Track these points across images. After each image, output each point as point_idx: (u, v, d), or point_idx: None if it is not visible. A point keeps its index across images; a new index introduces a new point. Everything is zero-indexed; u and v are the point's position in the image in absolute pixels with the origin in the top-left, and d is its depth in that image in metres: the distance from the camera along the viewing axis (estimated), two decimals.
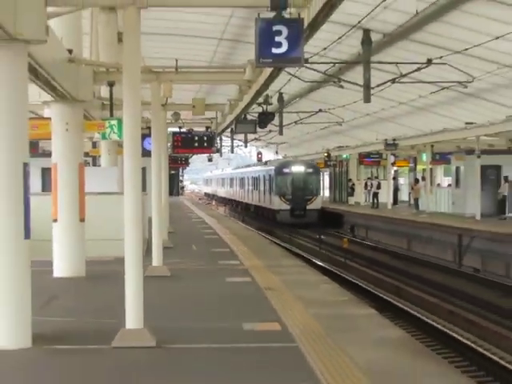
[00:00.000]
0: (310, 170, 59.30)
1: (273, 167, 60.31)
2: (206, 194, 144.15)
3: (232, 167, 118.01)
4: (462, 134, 44.72)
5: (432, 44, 31.10)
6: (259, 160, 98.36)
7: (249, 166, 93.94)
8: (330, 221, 62.00)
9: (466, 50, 30.32)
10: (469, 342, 20.26)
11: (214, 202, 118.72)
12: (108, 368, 11.07)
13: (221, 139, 54.38)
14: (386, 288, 31.31)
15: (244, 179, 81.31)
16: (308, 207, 57.73)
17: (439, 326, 22.50)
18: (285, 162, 64.21)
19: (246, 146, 68.57)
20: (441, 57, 30.44)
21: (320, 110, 49.83)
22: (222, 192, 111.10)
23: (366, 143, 63.52)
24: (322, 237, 49.22)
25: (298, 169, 58.90)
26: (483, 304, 26.59)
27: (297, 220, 56.40)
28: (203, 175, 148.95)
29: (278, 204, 57.62)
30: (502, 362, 18.03)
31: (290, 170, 58.48)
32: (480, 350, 19.41)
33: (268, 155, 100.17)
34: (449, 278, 33.92)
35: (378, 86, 29.36)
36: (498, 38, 28.06)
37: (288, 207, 57.59)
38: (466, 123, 43.55)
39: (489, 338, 21.83)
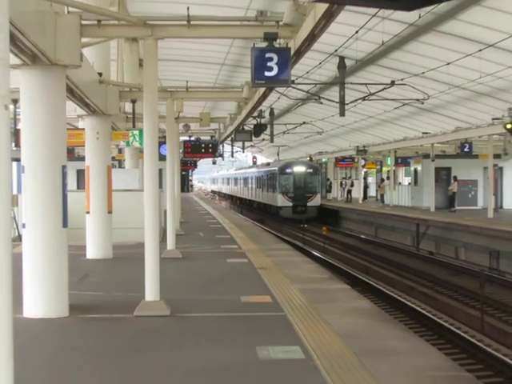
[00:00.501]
0: (311, 170, 55.94)
1: (276, 168, 57.20)
2: (212, 191, 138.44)
3: (234, 168, 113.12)
4: (419, 142, 44.74)
5: (395, 68, 31.10)
6: (254, 163, 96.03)
7: (252, 167, 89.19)
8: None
9: (423, 73, 30.34)
10: (424, 312, 20.29)
11: (217, 198, 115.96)
12: (130, 333, 11.25)
13: (223, 146, 54.00)
14: (357, 267, 31.33)
15: (248, 178, 77.30)
16: (309, 204, 54.69)
17: (400, 299, 22.52)
18: (287, 163, 59.95)
19: (243, 152, 67.97)
20: (402, 79, 30.44)
21: (304, 122, 49.74)
22: (228, 190, 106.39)
23: (341, 149, 63.53)
24: (305, 225, 48.67)
25: (300, 169, 55.83)
26: (436, 280, 26.57)
27: (298, 215, 52.86)
28: (210, 175, 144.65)
29: (281, 201, 54.69)
30: (452, 328, 18.07)
31: (292, 170, 55.35)
32: (434, 318, 19.43)
33: (261, 159, 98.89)
34: (408, 259, 33.95)
35: (351, 102, 29.29)
36: (448, 63, 28.08)
37: (290, 204, 54.53)
38: (423, 133, 43.61)
39: (441, 308, 21.87)
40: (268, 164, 69.35)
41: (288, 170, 55.16)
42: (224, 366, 9.07)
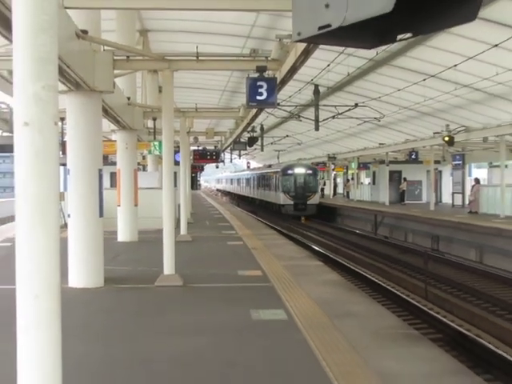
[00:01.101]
0: (310, 172, 50.93)
1: (279, 169, 52.15)
2: (217, 189, 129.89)
3: (236, 170, 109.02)
4: (376, 151, 44.86)
5: (358, 94, 31.07)
6: (248, 167, 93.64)
7: (254, 169, 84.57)
8: None
9: (379, 97, 30.31)
10: (381, 283, 20.34)
11: (219, 194, 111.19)
12: (152, 299, 11.30)
13: (224, 154, 53.68)
14: (328, 248, 31.30)
15: (252, 179, 71.14)
16: (308, 202, 49.28)
17: (362, 272, 22.55)
18: (289, 165, 54.24)
19: (239, 158, 67.66)
20: (363, 102, 30.44)
21: (287, 136, 49.73)
22: (232, 189, 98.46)
23: (316, 156, 63.69)
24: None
25: (300, 170, 50.69)
26: (390, 258, 26.64)
27: (299, 212, 48.91)
28: (214, 176, 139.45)
29: (283, 199, 49.39)
30: (403, 296, 18.11)
31: (293, 171, 50.34)
32: (389, 287, 19.49)
33: (253, 164, 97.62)
34: (369, 242, 33.98)
35: (323, 120, 29.28)
36: (399, 90, 28.10)
37: (292, 202, 49.01)
38: (379, 144, 43.72)
39: (392, 279, 21.95)
40: (270, 166, 65.56)
41: (290, 172, 50.53)
42: (225, 324, 9.15)
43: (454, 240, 29.33)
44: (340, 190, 71.13)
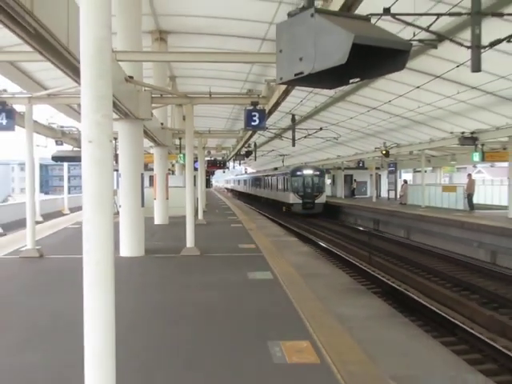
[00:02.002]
0: (317, 173, 41.54)
1: (289, 171, 42.87)
2: (226, 188, 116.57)
3: (236, 174, 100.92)
4: (335, 161, 44.55)
5: (322, 120, 31.00)
6: (245, 172, 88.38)
7: (260, 171, 71.28)
8: None
9: (337, 123, 30.34)
10: (340, 254, 20.33)
11: (226, 191, 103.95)
12: (178, 264, 11.20)
13: (228, 162, 53.44)
14: (303, 229, 31.28)
15: (260, 180, 60.11)
16: (316, 201, 40.45)
17: (326, 247, 22.54)
18: (297, 167, 44.60)
19: (239, 165, 67.33)
20: (326, 126, 30.50)
21: (273, 150, 49.70)
22: (239, 188, 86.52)
23: (294, 164, 63.36)
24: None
25: (308, 172, 41.52)
26: (344, 236, 26.64)
27: (308, 211, 40.07)
28: (224, 178, 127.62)
29: (292, 199, 40.64)
30: (353, 261, 18.12)
31: (302, 172, 41.34)
32: (343, 256, 19.51)
33: (249, 169, 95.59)
34: (329, 224, 33.92)
35: (298, 139, 29.29)
36: (351, 118, 28.09)
37: (300, 201, 40.47)
38: (337, 155, 43.66)
39: (346, 250, 21.93)
40: (276, 169, 54.39)
41: (298, 173, 41.30)
42: (229, 282, 9.16)
43: (389, 223, 29.37)
44: None
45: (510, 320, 10.83)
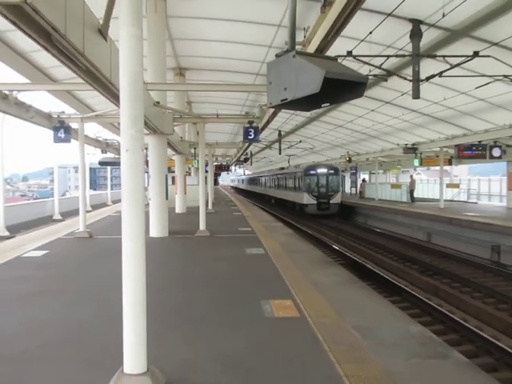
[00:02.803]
0: (332, 171, 30.01)
1: (302, 170, 31.07)
2: (231, 187, 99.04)
3: (239, 174, 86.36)
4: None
5: (301, 135, 30.86)
6: (243, 173, 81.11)
7: (267, 171, 53.97)
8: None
9: (312, 137, 30.23)
10: (314, 235, 20.26)
11: (230, 188, 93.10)
12: (194, 242, 11.08)
13: (231, 166, 53.18)
14: (288, 217, 31.19)
15: (268, 179, 46.41)
16: (331, 201, 29.21)
17: (305, 230, 22.49)
18: (311, 165, 31.91)
19: (240, 168, 66.95)
20: (304, 139, 30.44)
21: (264, 157, 49.59)
22: (243, 186, 73.43)
23: (280, 168, 63.29)
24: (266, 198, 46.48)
25: (322, 170, 29.88)
26: (319, 222, 26.55)
27: (323, 212, 29.08)
28: (229, 177, 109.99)
29: (306, 199, 29.54)
30: (325, 240, 18.07)
31: (316, 171, 29.86)
32: (317, 236, 19.47)
33: (247, 172, 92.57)
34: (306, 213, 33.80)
35: (283, 149, 29.31)
36: (323, 133, 28.04)
37: (315, 202, 29.23)
38: (312, 161, 43.37)
39: (320, 232, 21.86)
40: (282, 168, 42.62)
41: (312, 172, 29.91)
42: (232, 255, 9.09)
43: (351, 211, 29.32)
44: None
45: (441, 283, 10.87)
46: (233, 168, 66.46)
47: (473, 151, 19.39)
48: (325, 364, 3.96)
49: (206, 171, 21.72)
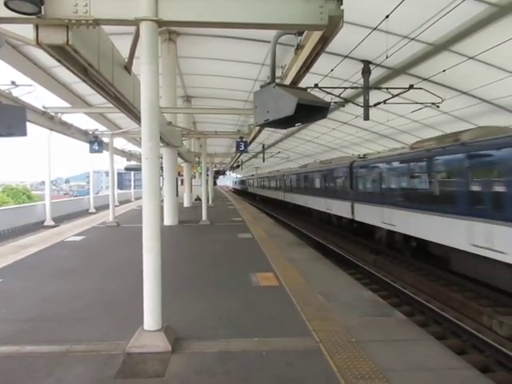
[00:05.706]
0: None
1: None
2: (234, 188, 75.62)
3: (240, 176, 72.13)
4: (290, 171, 44.05)
5: (280, 148, 30.81)
6: (236, 177, 73.98)
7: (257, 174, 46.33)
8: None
9: (289, 149, 30.23)
10: (290, 224, 20.12)
11: (226, 188, 79.01)
12: (197, 229, 10.93)
13: (226, 171, 52.68)
14: (268, 209, 30.92)
15: (269, 180, 34.52)
16: None
17: (286, 221, 22.30)
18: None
19: (233, 172, 66.33)
20: (283, 151, 30.39)
21: (251, 164, 49.39)
22: (242, 187, 60.62)
23: (266, 172, 62.36)
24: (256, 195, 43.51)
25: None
26: (292, 212, 26.30)
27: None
28: (228, 179, 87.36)
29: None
30: (297, 228, 17.97)
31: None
32: (289, 223, 19.38)
33: (238, 176, 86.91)
34: (281, 206, 33.41)
35: (266, 158, 29.30)
36: (296, 146, 28.03)
37: None
38: (288, 168, 43.19)
39: (292, 221, 21.71)
40: (278, 171, 33.16)
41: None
42: (227, 239, 8.99)
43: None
44: None
45: (382, 259, 11.00)
46: (228, 172, 66.10)
47: None
48: (298, 321, 3.99)
49: (207, 175, 21.62)
